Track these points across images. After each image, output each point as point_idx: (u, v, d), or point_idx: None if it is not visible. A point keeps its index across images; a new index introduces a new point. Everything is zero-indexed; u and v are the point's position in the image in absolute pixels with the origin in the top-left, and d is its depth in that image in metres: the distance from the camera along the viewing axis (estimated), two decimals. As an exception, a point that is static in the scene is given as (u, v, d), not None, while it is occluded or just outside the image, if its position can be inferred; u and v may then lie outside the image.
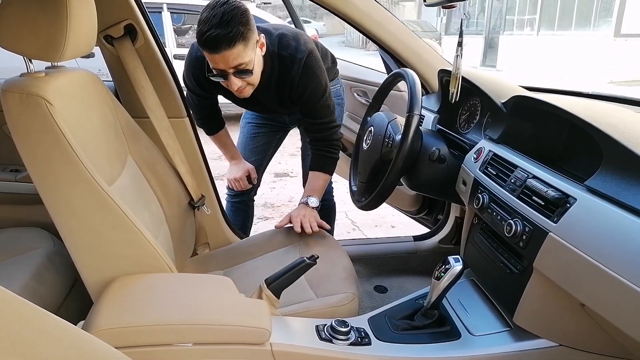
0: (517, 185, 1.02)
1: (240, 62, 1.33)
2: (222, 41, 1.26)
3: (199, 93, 1.65)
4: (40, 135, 0.96)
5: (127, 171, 1.28)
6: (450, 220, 1.90)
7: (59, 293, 1.33)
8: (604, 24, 10.85)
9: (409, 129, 1.20)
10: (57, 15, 0.95)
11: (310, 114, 1.58)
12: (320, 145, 1.63)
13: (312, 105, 1.55)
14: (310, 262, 1.09)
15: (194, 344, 0.91)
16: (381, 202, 1.32)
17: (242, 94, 1.44)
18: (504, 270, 1.05)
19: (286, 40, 1.50)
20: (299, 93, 1.53)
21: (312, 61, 1.50)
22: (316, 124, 1.59)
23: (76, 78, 1.16)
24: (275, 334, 0.96)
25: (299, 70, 1.48)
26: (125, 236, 1.04)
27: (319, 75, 1.52)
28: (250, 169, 1.90)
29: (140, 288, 1.00)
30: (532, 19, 12.88)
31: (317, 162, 1.66)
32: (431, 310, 1.09)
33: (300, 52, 1.48)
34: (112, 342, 0.71)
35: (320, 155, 1.65)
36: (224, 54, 1.29)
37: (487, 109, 1.34)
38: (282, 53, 1.49)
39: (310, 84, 1.51)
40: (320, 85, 1.53)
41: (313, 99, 1.54)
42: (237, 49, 1.29)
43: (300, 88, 1.51)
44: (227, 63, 1.32)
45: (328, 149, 1.63)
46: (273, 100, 1.61)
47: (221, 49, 1.28)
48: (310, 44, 1.53)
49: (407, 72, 1.31)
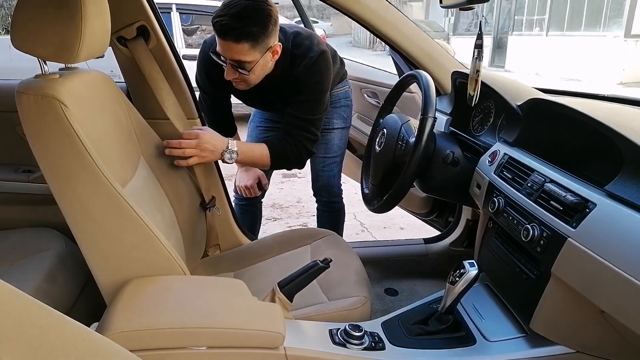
0: (534, 190, 1.01)
1: (241, 59, 1.35)
2: (230, 33, 1.29)
3: (211, 92, 1.65)
4: (54, 137, 0.97)
5: (139, 173, 1.28)
6: (461, 223, 1.88)
7: (71, 294, 1.34)
8: (614, 24, 10.75)
9: (423, 132, 1.19)
10: (72, 17, 0.95)
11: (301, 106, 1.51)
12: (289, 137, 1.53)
13: (306, 96, 1.50)
14: (323, 266, 1.08)
15: (208, 347, 0.90)
16: (394, 204, 1.31)
17: (239, 86, 1.47)
18: (520, 275, 1.04)
19: (300, 39, 1.51)
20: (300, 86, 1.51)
21: (322, 62, 1.50)
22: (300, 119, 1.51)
23: (89, 79, 1.16)
24: (288, 338, 0.95)
25: (306, 66, 1.49)
26: (139, 238, 1.04)
27: (324, 74, 1.51)
28: (261, 175, 1.89)
29: (154, 291, 0.99)
30: (541, 19, 12.80)
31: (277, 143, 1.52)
32: (445, 315, 1.08)
33: (313, 51, 1.49)
34: (127, 345, 0.71)
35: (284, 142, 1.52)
36: (228, 44, 1.32)
37: (502, 112, 1.32)
38: (295, 52, 1.49)
39: (312, 78, 1.50)
40: (322, 84, 1.52)
41: (307, 91, 1.50)
42: (241, 46, 1.31)
43: (301, 82, 1.51)
44: (228, 53, 1.35)
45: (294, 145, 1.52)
46: (283, 99, 1.60)
47: (227, 39, 1.31)
48: (323, 45, 1.53)
49: (421, 74, 1.30)
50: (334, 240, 1.55)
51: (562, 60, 11.45)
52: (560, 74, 11.29)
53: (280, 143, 1.53)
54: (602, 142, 0.95)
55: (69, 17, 0.95)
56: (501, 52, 14.10)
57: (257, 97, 1.59)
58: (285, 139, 1.53)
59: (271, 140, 1.55)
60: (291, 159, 1.54)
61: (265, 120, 1.98)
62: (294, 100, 1.55)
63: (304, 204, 3.54)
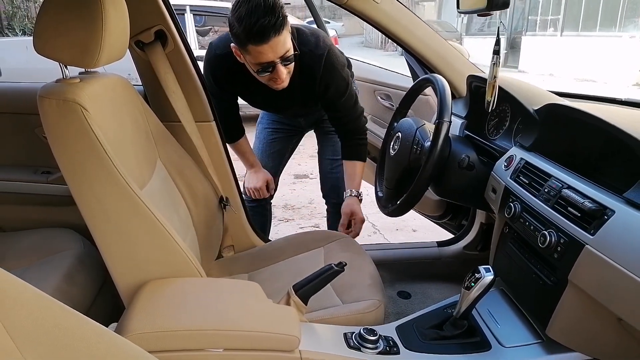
0: (551, 195, 1.00)
1: (286, 48, 1.33)
2: (271, 29, 1.25)
3: (217, 94, 1.65)
4: (75, 140, 0.98)
5: (156, 175, 1.30)
6: (475, 226, 1.87)
7: (89, 294, 1.36)
8: (630, 24, 10.60)
9: (439, 136, 1.18)
10: (93, 22, 0.97)
11: (337, 108, 1.62)
12: (350, 136, 1.70)
13: (337, 100, 1.58)
14: (338, 269, 1.09)
15: (224, 349, 0.91)
16: (409, 209, 1.31)
17: (282, 84, 1.44)
18: (536, 281, 1.03)
19: (305, 36, 1.51)
20: (322, 90, 1.54)
21: (333, 57, 1.51)
22: (344, 118, 1.64)
23: (109, 83, 1.18)
24: (303, 341, 0.96)
25: (321, 68, 1.49)
26: (157, 240, 1.05)
27: (340, 71, 1.53)
28: (269, 178, 1.90)
29: (172, 293, 1.01)
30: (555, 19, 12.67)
31: (351, 151, 1.74)
32: (460, 320, 1.08)
33: (320, 48, 1.49)
34: (145, 346, 0.72)
35: (351, 145, 1.71)
36: (272, 42, 1.28)
37: (518, 116, 1.32)
38: (302, 49, 1.49)
39: (333, 81, 1.53)
40: (343, 80, 1.55)
41: (337, 95, 1.56)
42: (283, 35, 1.29)
43: (323, 85, 1.53)
44: (275, 52, 1.31)
45: (359, 138, 1.70)
46: (296, 97, 1.61)
47: (270, 37, 1.26)
48: (328, 40, 1.54)
49: (437, 78, 1.29)
50: (347, 243, 1.56)
51: (577, 61, 11.32)
52: (574, 75, 11.16)
53: (351, 147, 1.72)
54: (620, 149, 0.94)
55: (90, 23, 0.97)
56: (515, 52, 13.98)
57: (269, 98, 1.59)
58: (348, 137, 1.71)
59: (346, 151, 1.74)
60: (365, 142, 1.73)
61: (273, 122, 1.99)
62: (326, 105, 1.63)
63: (316, 205, 3.55)
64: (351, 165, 1.73)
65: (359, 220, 1.71)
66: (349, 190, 1.73)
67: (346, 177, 1.76)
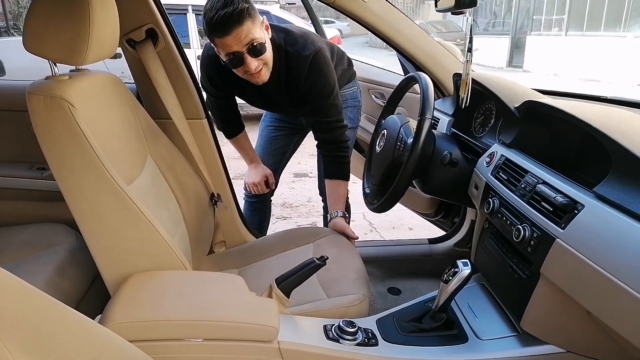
0: (527, 191, 1.02)
1: (252, 37, 1.34)
2: (230, 19, 1.29)
3: (215, 93, 1.68)
4: (62, 136, 1.01)
5: (146, 171, 1.32)
6: (466, 224, 1.89)
7: (81, 288, 1.39)
8: (635, 24, 10.53)
9: (420, 133, 1.20)
10: (80, 20, 0.99)
11: (318, 112, 1.60)
12: (330, 149, 1.64)
13: (319, 103, 1.57)
14: (319, 263, 1.10)
15: (204, 339, 0.94)
16: (392, 204, 1.33)
17: (259, 77, 1.45)
18: (512, 275, 1.05)
19: (293, 37, 1.52)
20: (306, 91, 1.55)
21: (319, 60, 1.51)
22: (323, 122, 1.61)
23: (98, 81, 1.20)
24: (283, 332, 0.98)
25: (305, 69, 1.50)
26: (142, 234, 1.08)
27: (326, 74, 1.53)
28: (269, 173, 1.92)
29: (155, 285, 1.03)
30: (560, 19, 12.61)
31: (332, 168, 1.67)
32: (439, 314, 1.10)
33: (307, 49, 1.49)
34: (126, 335, 0.74)
35: (333, 161, 1.66)
36: (235, 32, 1.31)
37: (501, 114, 1.33)
38: (288, 49, 1.50)
39: (317, 82, 1.53)
40: (328, 84, 1.54)
41: (320, 97, 1.56)
42: (246, 25, 1.31)
43: (307, 86, 1.53)
44: (239, 41, 1.33)
45: (338, 152, 1.64)
46: (284, 96, 1.63)
47: (231, 28, 1.30)
48: (318, 43, 1.53)
49: (421, 76, 1.31)
50: (336, 239, 1.58)
51: (582, 61, 11.26)
52: (579, 75, 11.10)
53: (331, 163, 1.67)
54: (592, 145, 0.96)
55: (77, 21, 0.99)
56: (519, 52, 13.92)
57: (260, 96, 1.61)
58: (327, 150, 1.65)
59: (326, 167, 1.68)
60: (345, 160, 1.67)
61: (275, 120, 2.02)
62: (311, 109, 1.61)
63: (314, 204, 3.57)
64: (334, 185, 1.68)
65: (354, 238, 1.63)
66: (335, 212, 1.66)
67: (329, 197, 1.70)
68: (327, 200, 1.70)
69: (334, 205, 1.67)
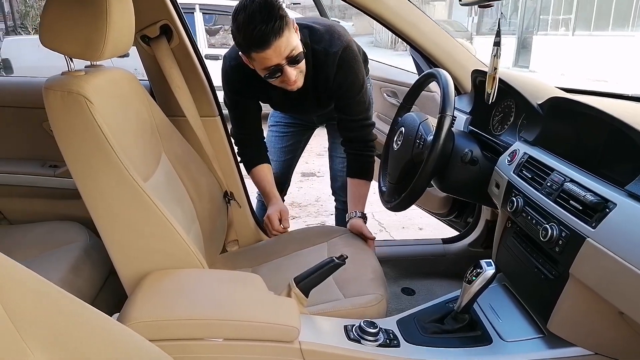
0: (553, 189, 1.00)
1: (291, 48, 1.30)
2: (271, 34, 1.23)
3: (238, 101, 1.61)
4: (80, 132, 1.00)
5: (161, 169, 1.31)
6: (480, 224, 1.86)
7: (95, 286, 1.37)
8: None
9: (441, 130, 1.18)
10: (97, 16, 0.98)
11: (345, 109, 1.55)
12: (356, 147, 1.60)
13: (347, 100, 1.53)
14: (339, 262, 1.09)
15: (224, 339, 0.92)
16: (411, 203, 1.31)
17: (296, 84, 1.40)
18: (538, 275, 1.03)
19: (318, 33, 1.46)
20: (334, 88, 1.50)
21: (349, 55, 1.46)
22: (351, 121, 1.57)
23: (114, 77, 1.19)
24: (303, 333, 0.96)
25: (334, 66, 1.45)
26: (159, 232, 1.06)
27: (356, 70, 1.48)
28: (283, 210, 1.70)
29: (173, 283, 1.02)
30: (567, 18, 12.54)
31: (356, 167, 1.63)
32: (462, 314, 1.08)
33: (335, 45, 1.44)
34: (146, 334, 0.72)
35: (357, 160, 1.61)
36: (274, 45, 1.25)
37: (522, 111, 1.31)
38: (315, 47, 1.45)
39: (347, 79, 1.48)
40: (358, 80, 1.50)
41: (349, 94, 1.51)
42: (284, 36, 1.26)
43: (336, 83, 1.48)
44: (279, 55, 1.29)
45: (364, 151, 1.60)
46: (310, 99, 1.58)
47: (271, 42, 1.24)
48: (345, 36, 1.48)
49: (440, 73, 1.29)
50: (350, 238, 1.56)
51: (589, 61, 11.19)
52: (586, 75, 11.04)
53: (356, 161, 1.62)
54: (623, 142, 0.93)
55: (94, 16, 0.98)
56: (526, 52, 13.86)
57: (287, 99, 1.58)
58: (353, 148, 1.61)
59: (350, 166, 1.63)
60: (370, 159, 1.62)
61: (285, 116, 1.99)
62: (337, 106, 1.56)
63: (323, 203, 3.55)
64: (356, 184, 1.62)
65: (371, 240, 1.59)
66: (354, 212, 1.61)
67: (351, 196, 1.64)
68: (348, 200, 1.65)
69: (354, 205, 1.62)
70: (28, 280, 0.64)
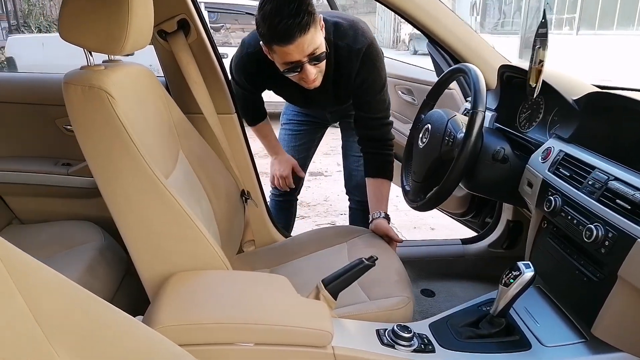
0: (596, 188, 0.95)
1: (315, 46, 1.26)
2: (297, 29, 1.19)
3: (249, 89, 1.62)
4: (101, 128, 0.96)
5: (179, 167, 1.27)
6: (501, 224, 1.82)
7: (111, 287, 1.34)
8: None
9: (473, 127, 1.14)
10: (119, 8, 0.94)
11: (365, 107, 1.52)
12: (375, 146, 1.57)
13: (368, 98, 1.50)
14: (369, 263, 1.05)
15: (255, 344, 0.88)
16: (440, 202, 1.27)
17: (314, 83, 1.36)
18: (579, 278, 0.98)
19: (342, 30, 1.43)
20: (356, 86, 1.47)
21: (372, 52, 1.43)
22: (370, 119, 1.54)
23: (133, 72, 1.15)
24: (336, 337, 0.92)
25: (358, 63, 1.42)
26: (183, 231, 1.03)
27: (378, 68, 1.46)
28: (295, 164, 1.85)
29: (199, 285, 0.98)
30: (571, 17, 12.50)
31: (375, 166, 1.59)
32: (498, 318, 1.03)
33: (359, 42, 1.41)
34: (174, 339, 0.69)
35: (376, 159, 1.58)
36: (298, 42, 1.22)
37: (554, 107, 1.27)
38: (339, 43, 1.42)
39: (369, 77, 1.45)
40: (380, 78, 1.47)
41: (370, 92, 1.48)
42: (310, 33, 1.22)
43: (358, 80, 1.45)
44: (302, 51, 1.25)
45: (383, 150, 1.56)
46: (329, 95, 1.55)
47: (295, 38, 1.21)
48: (369, 34, 1.46)
49: (470, 68, 1.25)
50: (371, 239, 1.52)
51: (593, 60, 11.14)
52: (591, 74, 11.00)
53: (375, 161, 1.59)
54: None
55: (117, 9, 0.94)
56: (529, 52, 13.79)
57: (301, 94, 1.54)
58: (371, 147, 1.58)
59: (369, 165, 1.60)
60: (390, 158, 1.59)
61: (298, 113, 1.95)
62: (356, 104, 1.53)
63: (332, 203, 3.51)
64: (377, 184, 1.58)
65: (397, 241, 1.54)
66: (377, 212, 1.56)
67: (372, 197, 1.59)
68: (369, 201, 1.61)
69: (377, 205, 1.57)
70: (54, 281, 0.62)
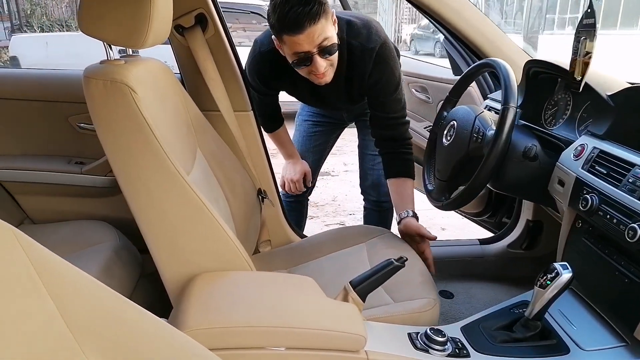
0: (637, 186, 0.92)
1: (325, 37, 1.23)
2: (306, 18, 1.17)
3: (262, 90, 1.58)
4: (122, 122, 0.93)
5: (197, 165, 1.24)
6: (520, 223, 1.79)
7: (127, 288, 1.30)
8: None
9: (504, 123, 1.10)
10: (142, 1, 0.91)
11: (380, 107, 1.49)
12: (392, 146, 1.53)
13: (383, 98, 1.47)
14: (398, 264, 1.01)
15: (286, 348, 0.84)
16: (467, 201, 1.23)
17: (324, 78, 1.34)
18: (620, 279, 0.95)
19: (356, 28, 1.41)
20: (370, 85, 1.44)
21: (386, 52, 1.41)
22: (385, 119, 1.50)
23: (152, 67, 1.12)
24: (368, 341, 0.89)
25: (371, 62, 1.39)
26: (206, 230, 0.99)
27: (392, 67, 1.43)
28: (307, 170, 1.82)
29: (226, 286, 0.94)
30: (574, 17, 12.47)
31: (396, 166, 1.54)
32: (533, 322, 1.00)
33: (372, 41, 1.39)
34: (204, 343, 0.66)
35: (396, 158, 1.54)
36: (308, 31, 1.20)
37: (583, 103, 1.23)
38: (352, 41, 1.39)
39: (383, 76, 1.42)
40: (394, 77, 1.44)
41: (385, 92, 1.46)
42: (320, 23, 1.20)
43: (371, 80, 1.43)
44: (312, 41, 1.23)
45: (402, 149, 1.52)
46: (342, 94, 1.53)
47: (305, 27, 1.19)
48: (382, 32, 1.44)
49: (498, 62, 1.21)
50: (391, 239, 1.48)
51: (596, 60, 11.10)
52: (594, 74, 10.97)
53: (396, 160, 1.54)
54: None
55: (139, 1, 0.91)
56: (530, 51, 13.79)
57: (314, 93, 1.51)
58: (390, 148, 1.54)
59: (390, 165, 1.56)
60: (410, 157, 1.55)
61: (314, 114, 1.92)
62: (371, 104, 1.51)
63: (340, 203, 3.47)
64: (400, 183, 1.53)
65: (430, 239, 1.46)
66: (405, 211, 1.49)
67: (396, 197, 1.54)
68: (393, 202, 1.57)
69: (402, 205, 1.52)
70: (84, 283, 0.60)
